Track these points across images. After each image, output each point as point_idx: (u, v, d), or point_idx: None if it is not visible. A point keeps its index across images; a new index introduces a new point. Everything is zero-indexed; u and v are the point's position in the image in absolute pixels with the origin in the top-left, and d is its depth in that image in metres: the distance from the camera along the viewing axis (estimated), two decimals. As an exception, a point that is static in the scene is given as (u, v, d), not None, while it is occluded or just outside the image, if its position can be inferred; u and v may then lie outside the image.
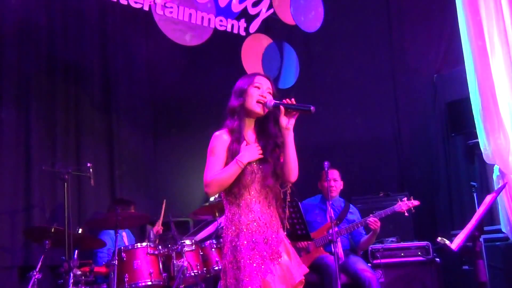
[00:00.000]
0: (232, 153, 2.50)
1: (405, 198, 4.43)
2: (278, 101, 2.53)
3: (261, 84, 2.59)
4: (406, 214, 4.41)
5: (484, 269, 3.34)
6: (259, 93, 2.55)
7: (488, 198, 3.46)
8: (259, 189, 2.53)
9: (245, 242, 2.46)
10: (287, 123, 2.50)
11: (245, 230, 2.48)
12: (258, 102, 2.54)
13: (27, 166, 4.62)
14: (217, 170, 2.48)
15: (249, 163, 2.50)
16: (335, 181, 4.70)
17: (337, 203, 4.84)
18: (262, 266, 2.44)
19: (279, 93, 2.62)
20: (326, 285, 4.22)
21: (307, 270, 2.64)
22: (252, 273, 2.42)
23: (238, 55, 5.79)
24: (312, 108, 2.45)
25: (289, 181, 2.57)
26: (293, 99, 2.53)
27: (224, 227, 2.58)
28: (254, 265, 2.44)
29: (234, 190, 2.52)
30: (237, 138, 2.53)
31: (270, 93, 2.59)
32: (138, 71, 5.52)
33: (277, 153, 2.57)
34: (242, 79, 2.64)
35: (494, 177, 4.64)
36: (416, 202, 4.40)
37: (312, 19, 6.24)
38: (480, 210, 3.37)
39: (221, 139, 2.55)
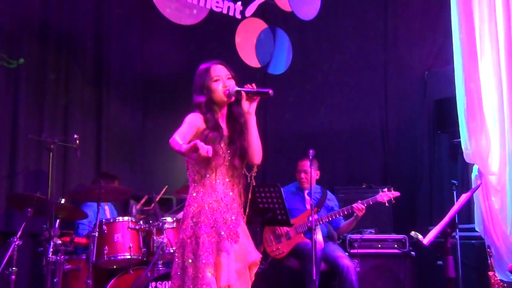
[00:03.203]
0: (207, 139, 2.53)
1: (386, 189, 4.59)
2: (239, 88, 2.60)
3: (219, 75, 2.64)
4: (386, 204, 4.57)
5: (452, 265, 3.42)
6: (222, 85, 2.62)
7: (462, 197, 3.54)
8: (225, 171, 2.62)
9: (206, 220, 2.56)
10: (249, 107, 2.57)
11: (206, 208, 2.58)
12: (224, 93, 2.60)
13: (14, 134, 4.61)
14: (180, 138, 2.46)
15: (221, 147, 2.58)
16: (305, 172, 4.75)
17: (315, 190, 4.91)
18: (218, 244, 2.53)
19: (237, 74, 2.67)
20: (307, 270, 4.31)
21: (261, 255, 2.75)
22: (209, 249, 2.51)
23: (232, 37, 5.78)
24: (270, 91, 2.51)
25: (254, 164, 2.66)
26: (253, 84, 2.59)
27: (186, 204, 2.65)
28: (212, 242, 2.53)
29: (201, 171, 2.61)
30: (213, 126, 2.59)
31: (230, 78, 2.65)
32: (131, 47, 5.50)
33: (244, 135, 2.65)
34: (199, 74, 2.67)
35: (473, 176, 4.71)
36: (396, 193, 4.58)
37: (309, 7, 6.23)
38: (453, 208, 3.45)
39: (197, 118, 2.61)
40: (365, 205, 4.50)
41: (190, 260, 2.52)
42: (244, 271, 2.57)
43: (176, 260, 2.59)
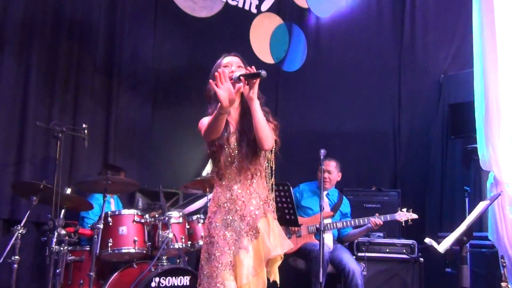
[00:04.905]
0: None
1: (405, 209, 4.57)
2: (240, 72, 2.52)
3: (229, 63, 2.63)
4: (403, 224, 4.55)
5: (467, 275, 3.33)
6: (229, 71, 2.57)
7: (481, 205, 3.45)
8: (239, 168, 2.58)
9: (220, 219, 2.57)
10: (249, 92, 2.49)
11: (221, 208, 2.59)
12: (229, 78, 2.52)
13: (23, 121, 4.56)
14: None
15: (229, 145, 2.56)
16: (329, 173, 4.70)
17: (333, 193, 4.87)
18: (236, 242, 2.53)
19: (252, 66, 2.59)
20: (313, 271, 4.27)
21: (292, 245, 2.72)
22: (224, 248, 2.52)
23: (246, 32, 5.71)
24: (262, 72, 2.43)
25: (263, 149, 2.57)
26: (253, 67, 2.52)
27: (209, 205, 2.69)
28: (229, 241, 2.53)
29: (217, 171, 2.62)
30: None
31: (240, 67, 2.61)
32: (143, 38, 5.43)
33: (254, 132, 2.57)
34: (215, 64, 2.69)
35: (488, 184, 4.62)
36: (415, 216, 4.56)
37: (326, 4, 6.15)
38: (471, 216, 3.36)
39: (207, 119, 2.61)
40: (382, 220, 4.46)
41: (205, 259, 2.56)
42: (260, 268, 2.52)
43: (200, 258, 2.64)
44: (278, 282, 2.64)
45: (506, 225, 4.38)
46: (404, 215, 4.52)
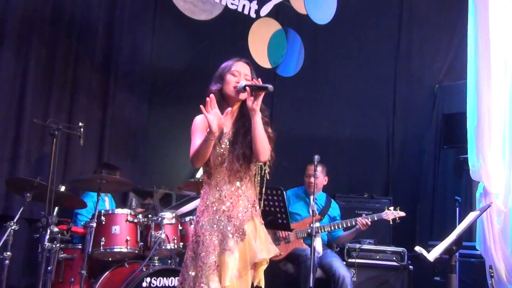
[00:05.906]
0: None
1: (392, 208, 4.57)
2: (246, 83, 2.56)
3: (238, 71, 2.64)
4: (391, 222, 4.57)
5: (456, 284, 3.37)
6: (236, 80, 2.60)
7: (471, 215, 3.49)
8: (229, 169, 2.60)
9: (207, 219, 2.57)
10: (252, 103, 2.52)
11: (209, 207, 2.59)
12: (234, 87, 2.58)
13: (19, 117, 4.56)
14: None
15: (220, 145, 2.57)
16: (315, 177, 4.72)
17: (320, 197, 4.89)
18: (222, 243, 2.53)
19: (258, 78, 2.62)
20: (302, 276, 4.28)
21: (278, 251, 2.70)
22: (210, 248, 2.52)
23: (245, 36, 5.74)
24: (269, 86, 2.47)
25: (259, 161, 2.61)
26: (259, 80, 2.56)
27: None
28: (215, 241, 2.53)
29: (206, 169, 2.64)
30: None
31: (248, 79, 2.63)
32: (142, 38, 5.44)
33: (249, 137, 2.60)
34: (223, 64, 2.69)
35: (477, 194, 4.66)
36: (402, 214, 4.56)
37: (324, 12, 6.20)
38: (461, 226, 3.40)
39: (201, 120, 2.63)
40: (370, 220, 4.48)
41: (190, 258, 2.56)
42: (245, 271, 2.52)
43: (185, 257, 2.64)
44: (263, 287, 2.64)
45: (494, 236, 4.43)
46: (391, 213, 4.53)
